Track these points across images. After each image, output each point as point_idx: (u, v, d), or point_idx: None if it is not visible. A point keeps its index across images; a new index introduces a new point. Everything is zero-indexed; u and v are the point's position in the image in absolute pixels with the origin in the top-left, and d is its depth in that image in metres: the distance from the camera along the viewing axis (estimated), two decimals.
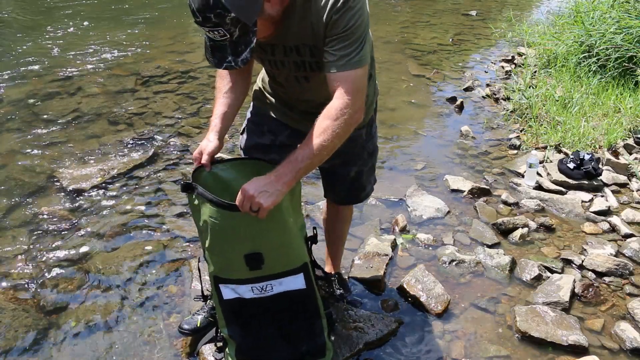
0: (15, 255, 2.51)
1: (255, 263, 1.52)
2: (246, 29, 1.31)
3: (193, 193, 1.52)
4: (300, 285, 1.61)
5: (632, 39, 4.38)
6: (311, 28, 1.42)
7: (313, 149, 1.39)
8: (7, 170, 3.26)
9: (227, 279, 1.57)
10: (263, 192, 1.37)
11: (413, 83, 5.04)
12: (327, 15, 1.38)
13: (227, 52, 1.35)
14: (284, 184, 1.39)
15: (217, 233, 1.50)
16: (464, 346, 2.04)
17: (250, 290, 1.58)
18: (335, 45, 1.40)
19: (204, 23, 1.28)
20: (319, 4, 1.39)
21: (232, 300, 1.60)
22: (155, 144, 3.65)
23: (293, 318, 1.68)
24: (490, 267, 2.48)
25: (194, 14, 1.28)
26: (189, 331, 2.00)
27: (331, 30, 1.39)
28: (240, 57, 1.35)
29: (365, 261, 2.46)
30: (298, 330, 1.70)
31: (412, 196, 3.06)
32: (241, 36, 1.32)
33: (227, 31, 1.29)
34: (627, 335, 2.07)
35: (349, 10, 1.37)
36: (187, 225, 2.77)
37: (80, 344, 2.02)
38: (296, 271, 1.58)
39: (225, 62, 1.36)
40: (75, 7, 7.50)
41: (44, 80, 4.72)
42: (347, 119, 1.40)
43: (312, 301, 1.67)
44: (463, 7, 8.49)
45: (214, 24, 1.27)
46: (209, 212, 1.48)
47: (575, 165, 3.17)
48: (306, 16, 1.41)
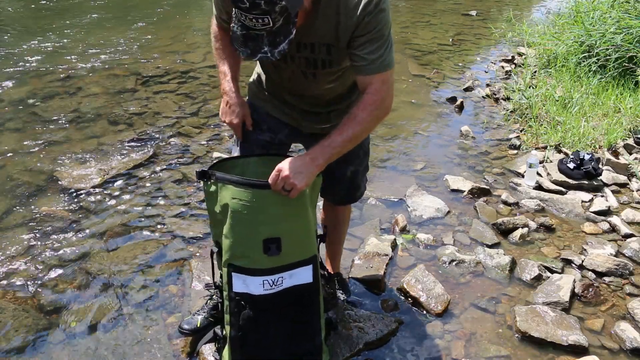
0: (15, 255, 2.51)
1: (273, 249, 1.52)
2: (289, 19, 1.28)
3: (210, 180, 1.55)
4: (308, 278, 1.62)
5: (632, 39, 4.38)
6: (336, 27, 1.42)
7: (347, 136, 1.47)
8: (7, 170, 3.26)
9: (242, 267, 1.57)
10: (298, 172, 1.42)
11: (411, 80, 5.04)
12: (359, 16, 1.38)
13: (263, 42, 1.30)
14: (317, 167, 1.46)
15: (239, 215, 1.51)
16: (464, 346, 2.04)
17: (261, 284, 1.57)
18: (367, 47, 1.43)
19: (250, 9, 1.22)
20: (349, 4, 1.38)
21: (241, 294, 1.60)
22: (155, 144, 3.65)
23: (296, 314, 1.68)
24: (490, 267, 2.48)
25: (240, 0, 1.22)
26: (189, 331, 1.99)
27: (361, 31, 1.41)
28: (278, 49, 1.31)
29: (365, 261, 2.46)
30: (299, 328, 1.70)
31: (412, 196, 3.06)
32: (282, 26, 1.28)
33: (272, 19, 1.24)
34: (627, 335, 2.07)
35: (381, 12, 1.39)
36: (187, 225, 2.77)
37: (80, 344, 2.02)
38: (307, 262, 1.60)
39: (260, 52, 1.31)
40: (75, 7, 7.50)
41: (44, 80, 4.72)
42: (378, 114, 1.50)
43: (316, 297, 1.68)
44: (463, 7, 8.49)
45: (261, 11, 1.22)
46: (231, 194, 1.51)
47: (575, 165, 3.17)
48: (331, 15, 1.41)
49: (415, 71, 5.37)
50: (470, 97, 4.76)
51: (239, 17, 1.28)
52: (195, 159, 3.47)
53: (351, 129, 1.47)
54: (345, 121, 1.49)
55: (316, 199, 1.66)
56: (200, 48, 5.78)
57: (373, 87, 1.47)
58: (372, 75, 1.46)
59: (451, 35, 6.68)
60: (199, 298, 2.21)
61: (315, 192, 1.64)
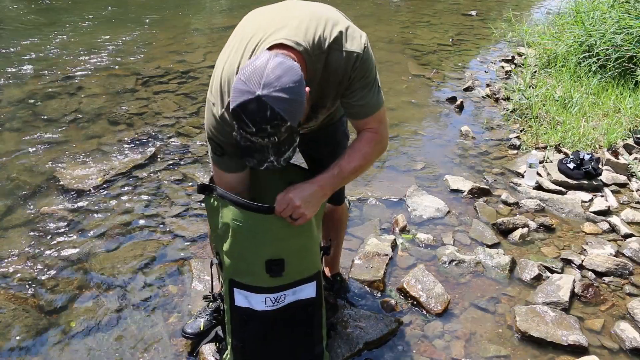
0: (15, 255, 2.51)
1: (276, 270, 1.50)
2: (292, 130, 1.29)
3: (211, 194, 1.52)
4: (311, 294, 1.61)
5: (632, 39, 4.38)
6: (330, 88, 1.47)
7: (353, 168, 1.53)
8: (7, 170, 3.26)
9: (244, 284, 1.54)
10: (308, 202, 1.45)
11: (411, 80, 5.04)
12: (347, 74, 1.43)
13: (268, 153, 1.31)
14: (324, 196, 1.51)
15: (240, 236, 1.49)
16: (464, 346, 2.04)
17: (263, 301, 1.55)
18: (357, 94, 1.48)
19: (256, 134, 1.25)
20: (337, 67, 1.42)
21: (243, 308, 1.58)
22: (155, 144, 3.65)
23: (298, 327, 1.67)
24: (490, 267, 2.48)
25: (245, 125, 1.23)
26: (192, 335, 1.97)
27: (352, 83, 1.46)
28: (283, 157, 1.33)
29: (365, 261, 2.46)
30: (300, 340, 1.70)
31: (412, 196, 3.06)
32: (286, 138, 1.30)
33: (278, 137, 1.27)
34: (626, 335, 2.07)
35: (365, 62, 1.44)
36: (187, 225, 2.77)
37: (80, 344, 2.02)
38: (311, 279, 1.58)
39: (266, 162, 1.33)
40: (75, 7, 7.51)
41: (44, 80, 4.72)
42: (380, 149, 1.59)
43: (318, 310, 1.67)
44: (463, 7, 8.49)
45: (267, 134, 1.25)
46: (232, 215, 1.47)
47: (575, 165, 3.17)
48: (322, 82, 1.45)
49: (415, 71, 5.37)
50: (470, 97, 4.76)
51: (243, 135, 1.28)
52: (195, 159, 3.47)
53: (358, 162, 1.53)
54: (352, 153, 1.54)
55: (322, 214, 1.64)
56: (200, 48, 5.78)
57: (371, 127, 1.54)
58: (367, 118, 1.52)
59: (451, 35, 6.68)
60: (200, 298, 2.21)
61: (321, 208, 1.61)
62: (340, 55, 1.41)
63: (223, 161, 1.52)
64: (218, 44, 1.36)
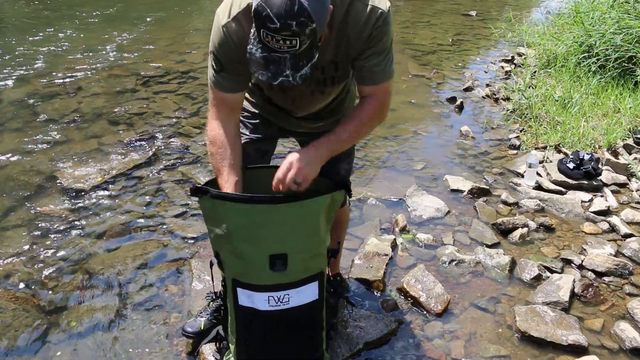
0: (15, 255, 2.51)
1: (279, 265, 1.49)
2: (314, 42, 1.25)
3: (205, 196, 1.49)
4: (314, 295, 1.59)
5: (632, 39, 4.38)
6: (345, 44, 1.44)
7: (350, 133, 1.53)
8: (7, 170, 3.26)
9: (247, 283, 1.53)
10: (310, 162, 1.44)
11: (411, 80, 5.04)
12: (369, 31, 1.41)
13: (285, 65, 1.26)
14: (321, 157, 1.48)
15: (242, 233, 1.47)
16: (464, 346, 2.04)
17: (267, 300, 1.53)
18: (372, 59, 1.46)
19: (280, 30, 1.18)
20: (359, 20, 1.40)
21: (246, 308, 1.57)
22: (155, 144, 3.65)
23: (301, 331, 1.66)
24: (490, 267, 2.48)
25: (270, 20, 1.17)
26: (193, 334, 1.97)
27: (369, 45, 1.43)
28: (300, 72, 1.27)
29: (365, 261, 2.46)
30: (303, 343, 1.70)
31: (412, 196, 3.06)
32: (307, 49, 1.25)
33: (300, 42, 1.21)
34: (626, 335, 2.07)
35: (386, 25, 1.42)
36: (187, 225, 2.77)
37: (80, 344, 2.02)
38: (314, 278, 1.57)
39: (282, 76, 1.27)
40: (75, 7, 7.51)
41: (44, 80, 4.72)
42: (380, 118, 1.58)
43: (320, 313, 1.67)
44: (463, 7, 8.50)
45: (291, 33, 1.19)
46: (231, 212, 1.46)
47: (575, 165, 3.17)
48: (341, 33, 1.42)
49: (415, 71, 5.37)
50: (470, 97, 4.76)
51: (263, 38, 1.23)
52: (195, 159, 3.47)
53: (354, 128, 1.53)
54: (349, 120, 1.54)
55: (334, 215, 1.61)
56: (200, 48, 5.78)
57: (376, 95, 1.53)
58: (376, 85, 1.51)
59: (451, 36, 6.68)
60: (200, 298, 2.21)
61: (333, 209, 1.58)
62: (364, 8, 1.39)
63: (221, 78, 1.50)
64: None
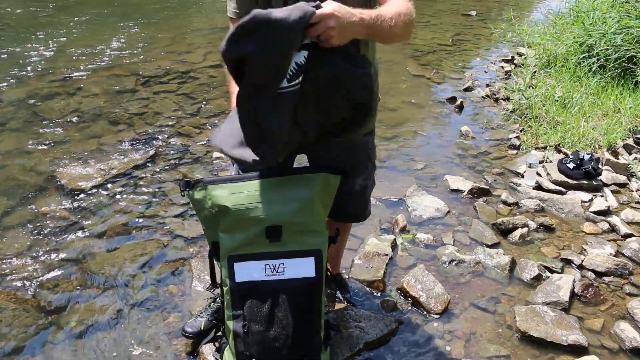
0: (15, 255, 2.51)
1: (274, 236, 1.55)
2: None
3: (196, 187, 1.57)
4: (311, 272, 1.61)
5: (632, 39, 4.38)
6: None
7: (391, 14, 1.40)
8: (7, 170, 3.26)
9: (243, 254, 1.58)
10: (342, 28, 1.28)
11: (411, 80, 5.04)
12: None
13: None
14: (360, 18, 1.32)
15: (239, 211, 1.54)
16: (463, 346, 2.04)
17: (263, 269, 1.58)
18: None
19: None
20: None
21: (244, 283, 1.60)
22: (155, 144, 3.65)
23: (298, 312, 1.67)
24: (490, 267, 2.48)
25: None
26: (193, 335, 1.98)
27: None
28: None
29: (365, 261, 2.46)
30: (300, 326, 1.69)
31: (412, 196, 3.06)
32: None
33: None
34: (626, 335, 2.07)
35: None
36: (187, 225, 2.77)
37: (80, 344, 2.02)
38: (309, 253, 1.60)
39: None
40: (75, 7, 7.51)
41: (44, 80, 4.72)
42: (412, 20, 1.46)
43: (318, 294, 1.67)
44: (463, 7, 8.50)
45: None
46: (227, 192, 1.53)
47: (575, 165, 3.17)
48: None
49: (415, 71, 5.37)
50: (470, 97, 4.76)
51: None
52: (195, 159, 3.47)
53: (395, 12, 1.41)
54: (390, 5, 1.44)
55: (330, 202, 1.64)
56: (200, 48, 5.78)
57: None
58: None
59: (451, 36, 6.68)
60: (200, 298, 2.21)
61: (328, 194, 1.62)
62: None
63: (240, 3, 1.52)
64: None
